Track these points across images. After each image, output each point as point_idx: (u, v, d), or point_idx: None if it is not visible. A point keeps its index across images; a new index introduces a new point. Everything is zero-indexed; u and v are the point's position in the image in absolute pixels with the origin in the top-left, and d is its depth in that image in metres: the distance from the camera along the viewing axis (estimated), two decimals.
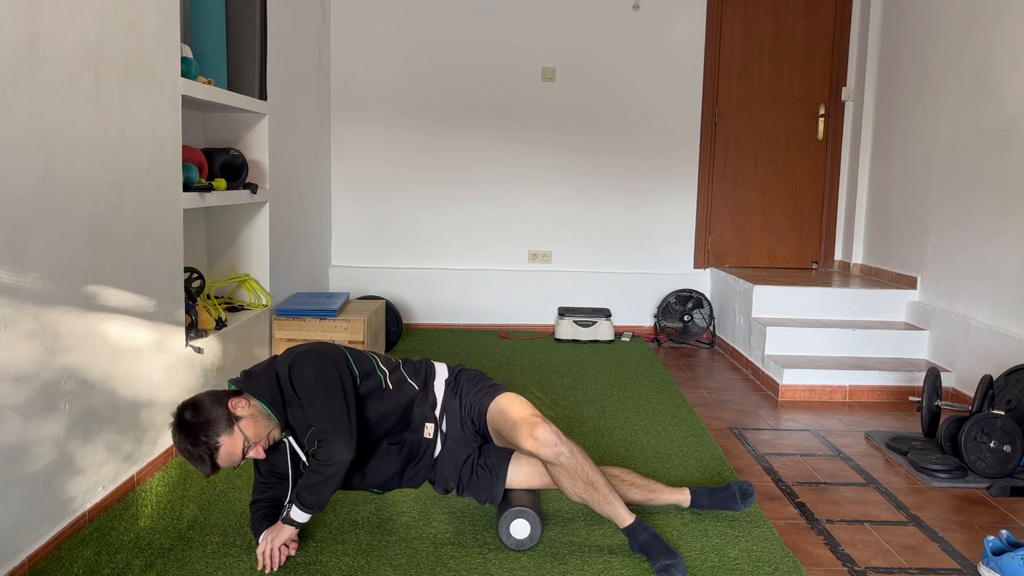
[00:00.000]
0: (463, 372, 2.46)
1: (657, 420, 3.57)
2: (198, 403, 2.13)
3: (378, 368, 2.35)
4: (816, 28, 5.42)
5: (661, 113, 5.43)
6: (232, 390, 2.22)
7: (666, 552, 2.18)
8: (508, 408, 2.28)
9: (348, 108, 5.38)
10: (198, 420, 2.09)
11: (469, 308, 5.49)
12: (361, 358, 2.35)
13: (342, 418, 2.15)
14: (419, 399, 2.35)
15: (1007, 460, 2.89)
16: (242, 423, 2.12)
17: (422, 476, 2.39)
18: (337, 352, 2.29)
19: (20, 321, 2.07)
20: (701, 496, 2.56)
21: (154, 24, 2.75)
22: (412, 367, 2.43)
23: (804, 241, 5.59)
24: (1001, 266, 3.71)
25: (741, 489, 2.54)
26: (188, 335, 3.14)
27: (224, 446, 2.09)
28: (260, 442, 2.15)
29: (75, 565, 2.17)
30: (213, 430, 2.08)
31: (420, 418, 2.34)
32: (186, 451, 2.09)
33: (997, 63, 3.80)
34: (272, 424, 2.18)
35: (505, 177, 5.47)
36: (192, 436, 2.08)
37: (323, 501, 2.17)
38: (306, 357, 2.22)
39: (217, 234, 3.96)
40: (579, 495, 2.24)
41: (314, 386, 2.17)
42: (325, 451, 2.13)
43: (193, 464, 2.10)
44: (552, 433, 2.19)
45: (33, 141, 2.10)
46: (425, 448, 2.35)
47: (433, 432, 2.35)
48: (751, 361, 4.49)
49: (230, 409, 2.13)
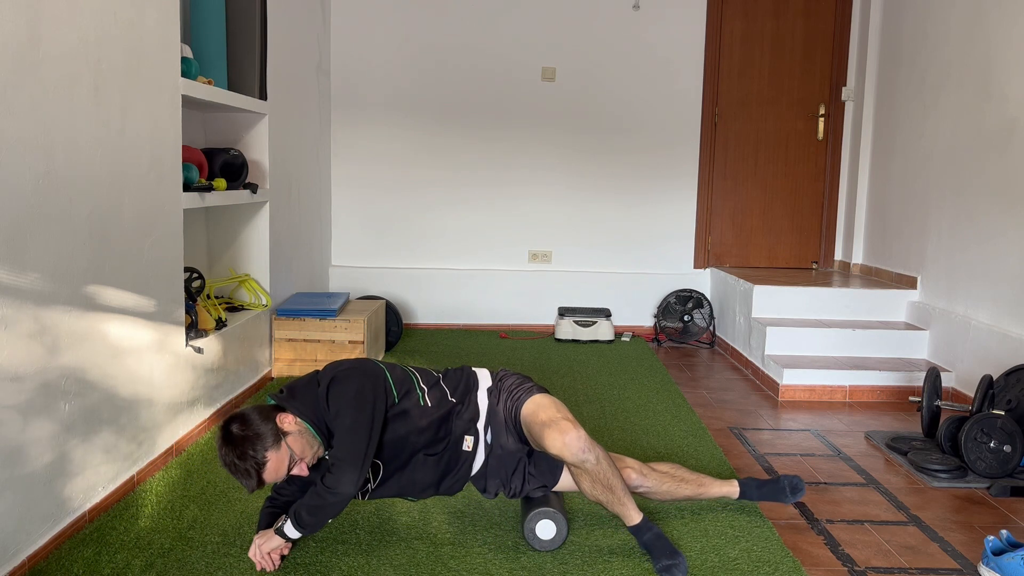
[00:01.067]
0: (505, 378, 2.43)
1: (657, 420, 3.57)
2: (246, 417, 2.10)
3: (417, 386, 2.32)
4: (816, 28, 5.42)
5: (661, 113, 5.43)
6: (276, 405, 2.19)
7: (668, 552, 2.18)
8: (538, 410, 2.26)
9: (348, 108, 5.38)
10: (246, 434, 2.06)
11: (469, 308, 5.49)
12: (401, 378, 2.31)
13: (359, 450, 2.12)
14: (457, 411, 2.32)
15: (1007, 460, 2.89)
16: (289, 439, 2.10)
17: (460, 485, 2.37)
18: (377, 371, 2.25)
19: (20, 321, 2.07)
20: (750, 488, 2.57)
21: (154, 24, 2.75)
22: (452, 380, 2.39)
23: (804, 241, 5.59)
24: (1001, 266, 3.71)
25: (792, 483, 2.56)
26: (188, 335, 3.14)
27: (271, 461, 2.07)
28: (305, 459, 2.13)
29: (75, 565, 2.17)
30: (261, 444, 2.06)
31: (459, 431, 2.31)
32: (232, 464, 2.07)
33: (997, 63, 3.80)
34: (316, 443, 2.16)
35: (505, 177, 5.47)
36: (239, 450, 2.05)
37: (318, 526, 2.15)
38: (346, 376, 2.19)
39: (217, 234, 3.96)
40: (595, 496, 2.25)
41: (346, 409, 2.14)
42: (333, 479, 2.11)
43: (238, 478, 2.08)
44: (580, 439, 2.17)
45: (33, 141, 2.10)
46: (464, 460, 2.33)
47: (473, 445, 2.32)
48: (751, 361, 4.49)
49: (278, 424, 2.11)
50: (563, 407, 2.30)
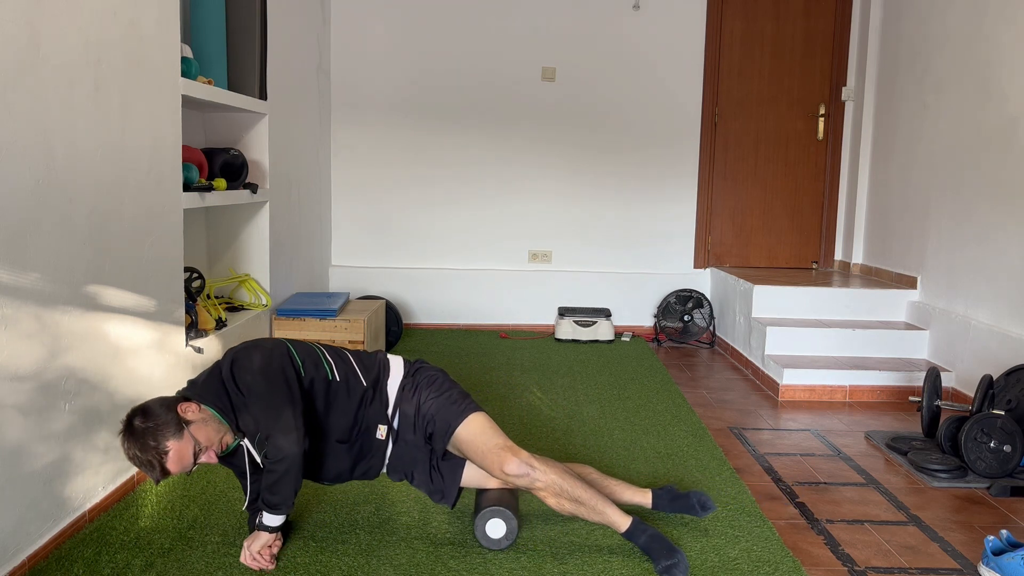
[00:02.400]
0: (422, 371, 2.39)
1: (657, 420, 3.57)
2: (147, 409, 2.09)
3: (324, 359, 2.30)
4: (816, 28, 5.42)
5: (661, 113, 5.43)
6: (180, 396, 2.18)
7: (667, 551, 2.17)
8: (477, 438, 2.25)
9: (348, 108, 5.38)
10: (146, 425, 2.05)
11: (469, 308, 5.49)
12: (306, 349, 2.30)
13: (285, 412, 2.12)
14: (369, 397, 2.30)
15: (1007, 460, 2.89)
16: (192, 427, 2.09)
17: (375, 471, 2.37)
18: (278, 345, 2.25)
19: (20, 321, 2.07)
20: (663, 500, 2.49)
21: (154, 24, 2.75)
22: (363, 361, 2.37)
23: (804, 241, 5.59)
24: (1001, 266, 3.71)
25: (700, 500, 2.44)
26: (188, 335, 3.14)
27: (173, 450, 2.05)
28: (212, 447, 2.12)
29: (75, 565, 2.17)
30: (162, 434, 2.04)
31: (372, 419, 2.30)
32: (135, 457, 2.05)
33: (997, 63, 3.80)
34: (224, 428, 2.15)
35: (505, 177, 5.47)
36: (140, 442, 2.04)
37: (288, 499, 2.14)
38: (246, 354, 2.19)
39: (217, 234, 3.95)
40: (567, 511, 2.24)
41: (256, 381, 2.14)
42: (273, 448, 2.11)
43: (143, 471, 2.07)
44: (523, 464, 2.18)
45: (33, 141, 2.10)
46: (377, 448, 2.33)
47: (386, 433, 2.31)
48: (751, 361, 4.49)
49: (180, 413, 2.09)
50: (498, 431, 2.28)
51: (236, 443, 2.22)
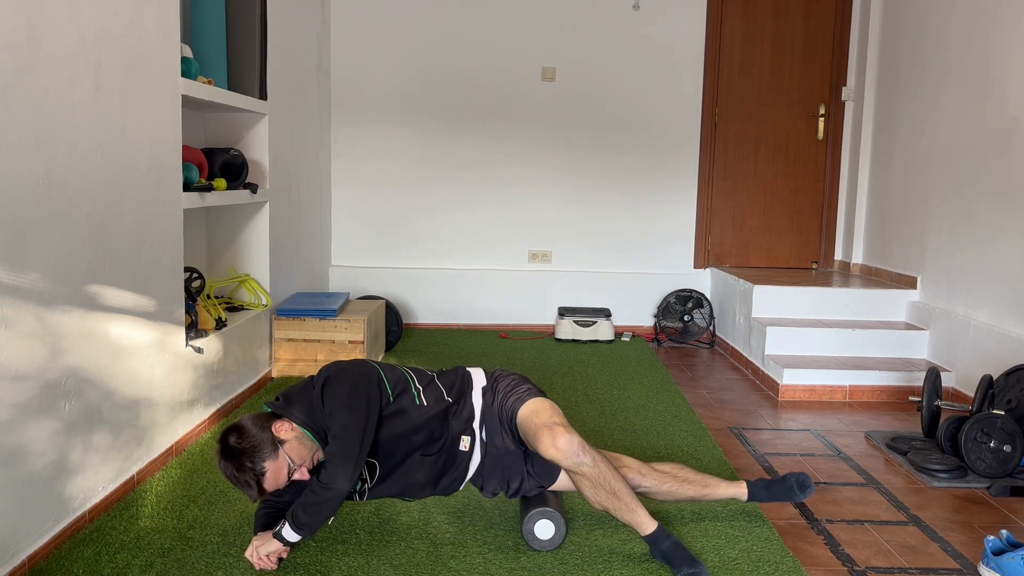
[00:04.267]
0: (501, 378, 2.42)
1: (657, 420, 3.57)
2: (242, 428, 2.11)
3: (413, 386, 2.32)
4: (816, 28, 5.42)
5: (661, 113, 5.43)
6: (272, 413, 2.19)
7: (688, 560, 2.15)
8: (533, 414, 2.25)
9: (348, 108, 5.38)
10: (242, 446, 2.07)
11: (469, 308, 5.49)
12: (395, 376, 2.32)
13: (353, 446, 2.12)
14: (454, 411, 2.32)
15: (1007, 460, 2.89)
16: (287, 447, 2.11)
17: (458, 484, 2.37)
18: (371, 371, 2.26)
19: (20, 321, 2.07)
20: (759, 489, 2.52)
21: (154, 24, 2.75)
22: (447, 379, 2.39)
23: (804, 241, 5.59)
24: (1001, 266, 3.71)
25: (799, 481, 2.50)
26: (188, 335, 3.14)
27: (270, 471, 2.08)
28: (304, 464, 2.14)
29: (75, 565, 2.17)
30: (259, 455, 2.07)
31: (456, 431, 2.31)
32: (232, 476, 2.09)
33: (997, 63, 3.80)
34: (315, 447, 2.17)
35: (505, 177, 5.47)
36: (237, 462, 2.07)
37: (315, 525, 2.14)
38: (338, 377, 2.20)
39: (217, 234, 3.95)
40: (601, 503, 2.22)
41: (339, 407, 2.15)
42: (327, 474, 2.11)
43: (239, 489, 2.10)
44: (574, 443, 2.16)
45: (33, 141, 2.10)
46: (461, 460, 2.33)
47: (470, 445, 2.32)
48: (751, 361, 4.49)
49: (274, 433, 2.11)
50: (558, 411, 2.29)
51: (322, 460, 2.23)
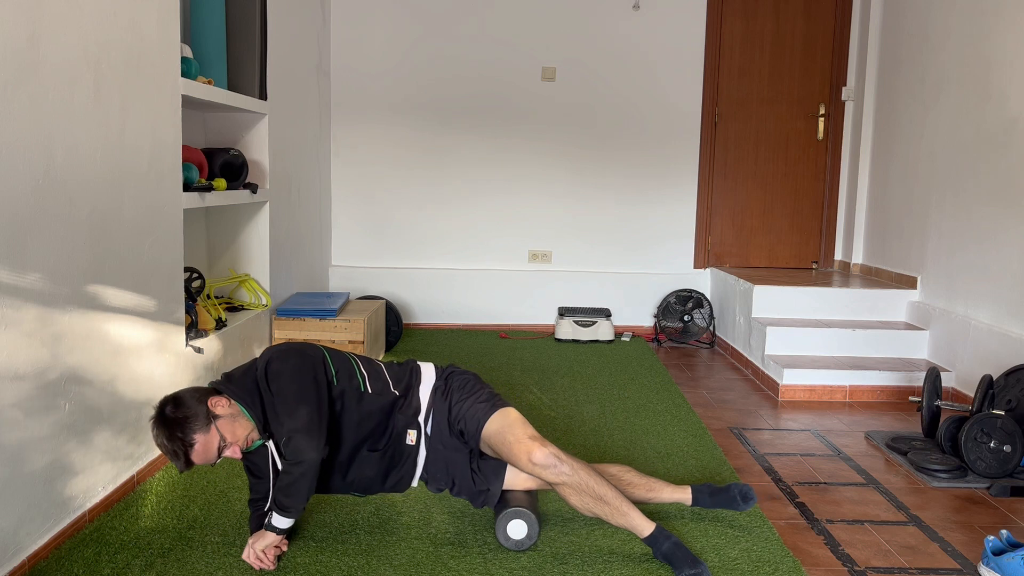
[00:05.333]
0: (454, 376, 2.41)
1: (657, 420, 3.57)
2: (179, 398, 2.13)
3: (358, 371, 2.32)
4: (816, 28, 5.42)
5: (661, 113, 5.43)
6: (213, 388, 2.21)
7: (690, 561, 2.14)
8: (504, 430, 2.24)
9: (348, 108, 5.38)
10: (176, 416, 2.09)
11: (469, 308, 5.48)
12: (340, 358, 2.32)
13: (311, 416, 2.13)
14: (401, 404, 2.31)
15: (1007, 460, 2.89)
16: (219, 422, 2.12)
17: (407, 482, 2.37)
18: (315, 351, 2.27)
19: (20, 321, 2.07)
20: (703, 495, 2.51)
21: (154, 24, 2.75)
22: (395, 370, 2.39)
23: (804, 241, 5.59)
24: (1001, 266, 3.71)
25: (742, 492, 2.47)
26: (188, 335, 3.14)
27: (199, 443, 2.09)
28: (237, 442, 2.14)
29: (75, 565, 2.17)
30: (190, 427, 2.08)
31: (402, 425, 2.30)
32: (162, 445, 2.10)
33: (997, 63, 3.80)
34: (251, 426, 2.17)
35: (505, 177, 5.47)
36: (169, 431, 2.08)
37: (300, 503, 2.14)
38: (282, 355, 2.21)
39: (217, 234, 3.96)
40: (590, 510, 2.22)
41: (287, 383, 2.15)
42: (291, 449, 2.11)
43: (168, 458, 2.11)
44: (550, 455, 2.16)
45: (33, 141, 2.10)
46: (408, 454, 2.33)
47: (416, 438, 2.32)
48: (751, 361, 4.49)
49: (209, 407, 2.12)
50: (526, 422, 2.28)
51: (261, 442, 2.23)
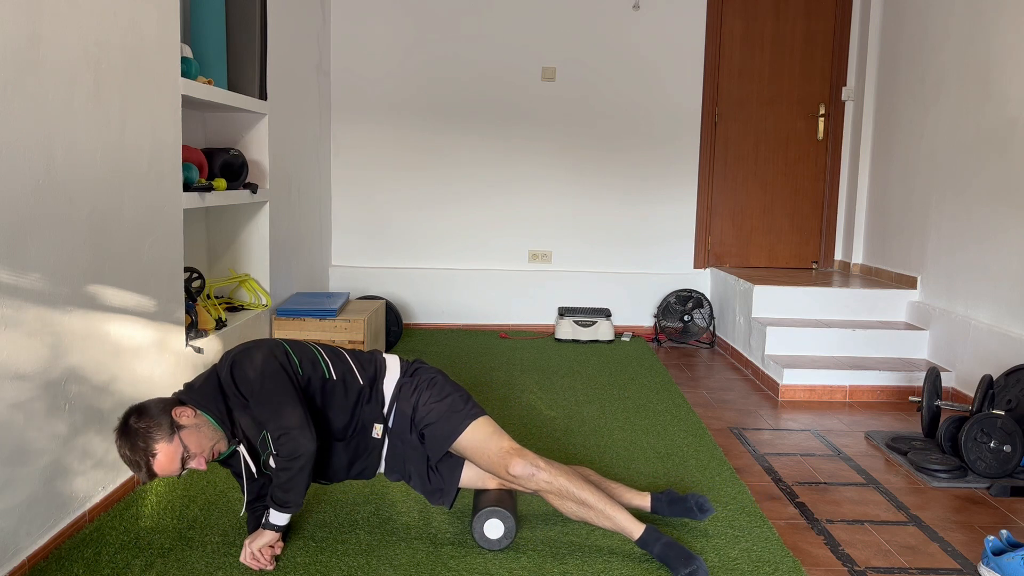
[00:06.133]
0: (420, 372, 2.37)
1: (657, 420, 3.57)
2: (143, 409, 2.08)
3: (321, 358, 2.29)
4: (816, 28, 5.42)
5: (661, 113, 5.43)
6: (177, 399, 2.17)
7: (684, 558, 2.13)
8: (481, 442, 2.24)
9: (348, 108, 5.38)
10: (139, 426, 2.04)
11: (469, 308, 5.49)
12: (302, 349, 2.30)
13: (295, 410, 2.11)
14: (366, 395, 2.29)
15: (1007, 460, 2.89)
16: (183, 432, 2.07)
17: (371, 471, 2.37)
18: (275, 345, 2.24)
19: (20, 321, 2.07)
20: (662, 503, 2.46)
21: (154, 24, 2.75)
22: (359, 359, 2.36)
23: (804, 241, 5.59)
24: (1001, 266, 3.71)
25: (698, 503, 2.42)
26: (188, 335, 3.14)
27: (161, 453, 2.04)
28: (203, 453, 2.10)
29: (75, 565, 2.17)
30: (152, 437, 2.04)
31: (368, 418, 2.29)
32: (125, 456, 2.06)
33: (997, 63, 3.80)
34: (218, 436, 2.14)
35: (505, 177, 5.47)
36: (131, 442, 2.04)
37: (299, 498, 2.14)
38: (244, 356, 2.18)
39: (217, 234, 3.96)
40: (575, 515, 2.23)
41: (260, 384, 2.13)
42: (288, 447, 2.09)
43: (131, 469, 2.07)
44: (528, 465, 2.17)
45: (33, 141, 2.10)
46: (373, 447, 2.32)
47: (382, 432, 2.31)
48: (751, 361, 4.49)
49: (174, 417, 2.08)
50: (501, 433, 2.27)
51: (231, 450, 2.21)
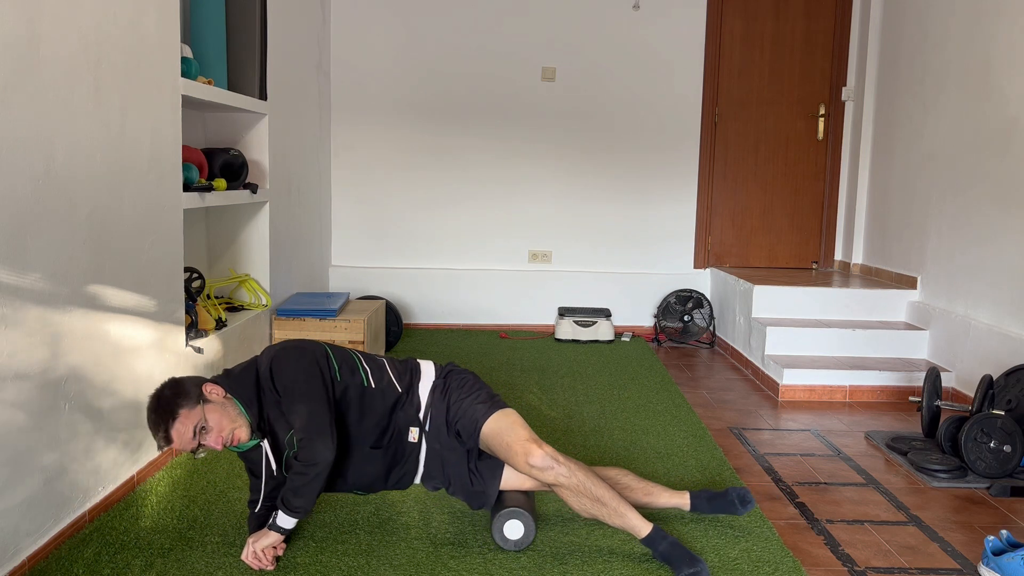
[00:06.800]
0: (453, 374, 2.40)
1: (657, 420, 3.57)
2: (178, 380, 2.17)
3: (360, 366, 2.31)
4: (816, 28, 5.42)
5: (661, 113, 5.43)
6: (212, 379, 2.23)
7: (688, 559, 2.14)
8: (503, 431, 2.24)
9: (348, 108, 5.38)
10: (169, 393, 2.12)
11: (469, 308, 5.49)
12: (343, 355, 2.32)
13: (323, 417, 2.13)
14: (403, 401, 2.31)
15: (1007, 460, 2.89)
16: (208, 407, 2.12)
17: (409, 479, 2.37)
18: (318, 348, 2.26)
19: (20, 321, 2.07)
20: (701, 500, 2.50)
21: (154, 24, 2.75)
22: (397, 367, 2.38)
23: (804, 241, 5.59)
24: (1001, 266, 3.71)
25: (740, 495, 2.46)
26: (188, 335, 3.14)
27: (181, 417, 2.08)
28: (221, 432, 2.12)
29: (75, 565, 2.17)
30: (177, 402, 2.10)
31: (404, 422, 2.30)
32: (148, 416, 2.12)
33: (997, 63, 3.80)
34: (241, 422, 2.16)
35: (505, 177, 5.47)
36: (158, 402, 2.11)
37: (309, 504, 2.15)
38: (285, 354, 2.21)
39: (217, 234, 3.96)
40: (588, 511, 2.22)
41: (294, 382, 2.16)
42: (307, 451, 2.11)
43: (152, 432, 2.12)
44: (547, 457, 2.17)
45: (33, 141, 2.10)
46: (410, 452, 2.33)
47: (418, 436, 2.32)
48: (751, 361, 4.49)
49: (203, 391, 2.15)
50: (524, 423, 2.28)
51: (255, 442, 2.22)
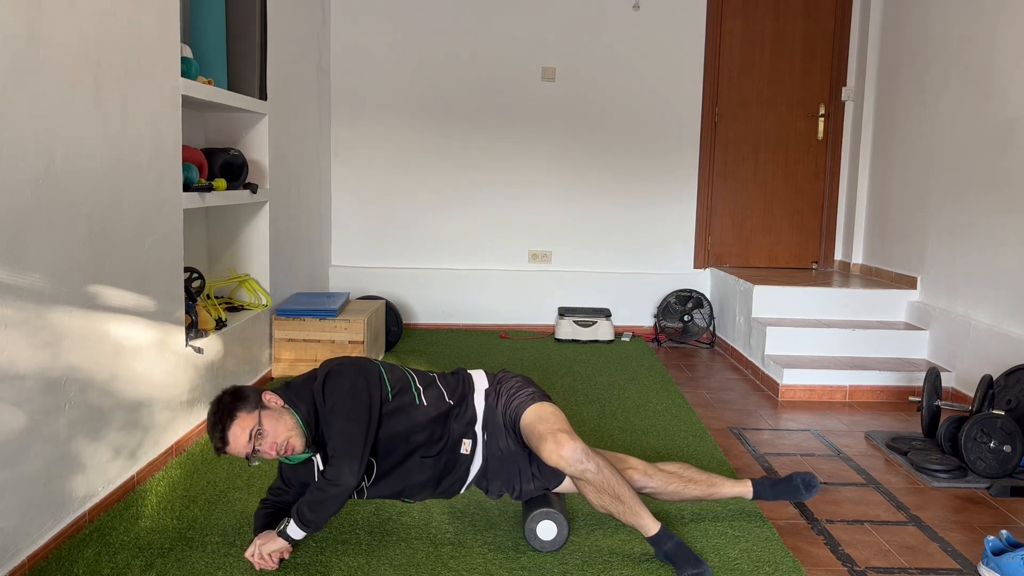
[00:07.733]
0: (504, 380, 2.42)
1: (657, 420, 3.57)
2: (240, 388, 2.20)
3: (413, 386, 2.33)
4: (816, 28, 5.42)
5: (661, 113, 5.43)
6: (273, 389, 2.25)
7: (692, 560, 2.16)
8: (538, 421, 2.26)
9: (348, 108, 5.38)
10: (229, 398, 2.15)
11: (469, 308, 5.49)
12: (397, 374, 2.33)
13: (357, 441, 2.14)
14: (455, 414, 2.32)
15: (1007, 460, 2.89)
16: (265, 412, 2.14)
17: (459, 487, 2.37)
18: (372, 368, 2.28)
19: (20, 321, 2.06)
20: (764, 487, 2.53)
21: (154, 24, 2.75)
22: (449, 381, 2.40)
23: (804, 241, 5.59)
24: (1001, 266, 3.71)
25: (804, 480, 2.51)
26: (188, 335, 3.14)
27: (239, 420, 2.11)
28: (275, 439, 2.13)
29: (75, 565, 2.17)
30: (236, 405, 2.13)
31: (457, 434, 2.31)
32: (209, 418, 2.15)
33: (997, 63, 3.80)
34: (297, 432, 2.16)
35: (505, 177, 5.47)
36: (218, 405, 2.14)
37: (321, 521, 2.15)
38: (340, 371, 2.23)
39: (217, 234, 3.96)
40: (605, 507, 2.23)
41: (341, 400, 2.17)
42: (333, 471, 2.12)
43: (209, 434, 2.14)
44: (578, 451, 2.17)
45: (33, 141, 2.10)
46: (462, 463, 2.33)
47: (471, 448, 2.32)
48: (751, 361, 4.49)
49: (263, 398, 2.18)
50: (562, 417, 2.29)
51: (307, 455, 2.22)
